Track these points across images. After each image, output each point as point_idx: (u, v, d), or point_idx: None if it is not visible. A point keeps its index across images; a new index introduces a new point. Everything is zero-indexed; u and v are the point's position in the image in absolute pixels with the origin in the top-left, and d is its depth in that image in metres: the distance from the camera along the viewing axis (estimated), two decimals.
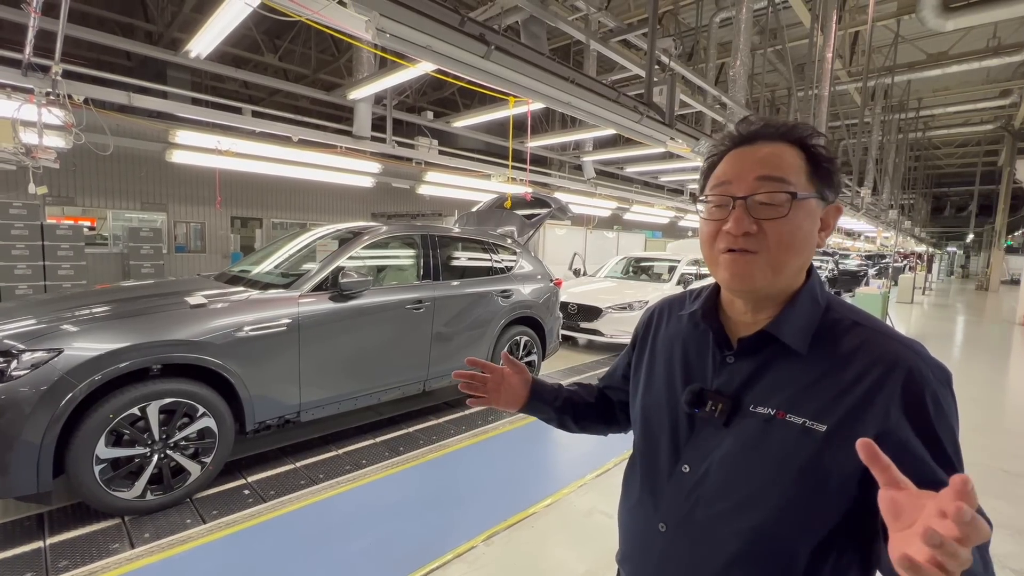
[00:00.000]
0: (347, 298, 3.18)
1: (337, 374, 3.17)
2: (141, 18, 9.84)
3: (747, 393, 0.69)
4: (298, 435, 3.49)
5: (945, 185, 30.55)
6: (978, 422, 4.23)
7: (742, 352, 0.71)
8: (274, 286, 3.08)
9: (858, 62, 11.01)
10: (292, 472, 3.02)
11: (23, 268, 6.52)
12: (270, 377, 2.84)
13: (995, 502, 2.85)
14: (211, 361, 2.59)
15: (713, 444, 0.70)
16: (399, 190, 9.28)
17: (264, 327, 2.80)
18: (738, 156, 0.69)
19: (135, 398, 2.39)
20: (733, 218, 0.66)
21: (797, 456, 0.63)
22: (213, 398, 2.63)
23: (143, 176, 9.56)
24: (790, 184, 0.64)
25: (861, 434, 0.59)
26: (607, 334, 6.12)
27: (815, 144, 0.68)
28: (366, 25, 1.96)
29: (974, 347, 7.88)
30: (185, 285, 3.09)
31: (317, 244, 3.88)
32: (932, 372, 0.62)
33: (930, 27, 7.95)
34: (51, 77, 3.49)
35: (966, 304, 14.67)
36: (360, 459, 3.19)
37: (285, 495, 2.72)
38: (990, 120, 16.43)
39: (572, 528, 2.47)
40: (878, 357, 0.63)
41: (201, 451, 2.64)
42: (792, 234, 0.64)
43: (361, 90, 4.74)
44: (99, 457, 2.31)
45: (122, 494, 2.40)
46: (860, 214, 11.14)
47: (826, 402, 0.63)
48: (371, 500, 2.67)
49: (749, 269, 0.65)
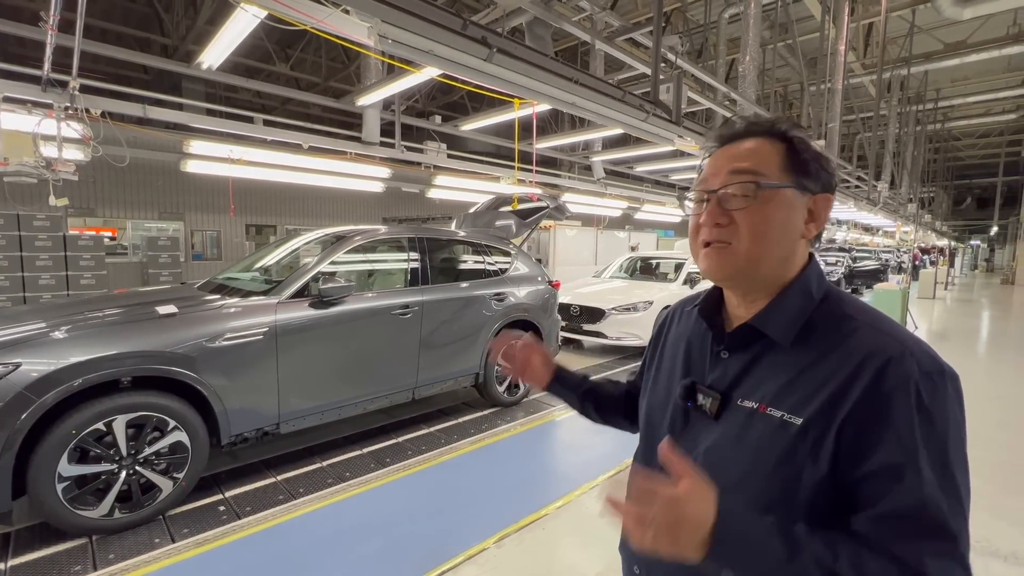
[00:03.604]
0: (328, 304, 3.06)
1: (319, 383, 3.06)
2: (157, 32, 10.10)
3: (737, 387, 0.69)
4: (281, 447, 3.38)
5: (967, 177, 29.77)
6: (1003, 419, 4.11)
7: (732, 346, 0.72)
8: (256, 294, 3.00)
9: (872, 54, 10.80)
10: (272, 486, 2.90)
11: (47, 278, 6.70)
12: (246, 388, 2.73)
13: (1019, 501, 2.77)
14: (181, 372, 2.48)
15: (703, 437, 0.71)
16: (409, 194, 9.37)
17: (239, 336, 2.69)
18: (718, 154, 0.72)
19: (100, 413, 2.28)
20: (706, 211, 0.69)
21: (773, 449, 0.63)
22: (185, 411, 2.52)
23: (160, 186, 9.79)
24: (759, 175, 0.66)
25: (832, 427, 0.59)
26: (611, 336, 5.95)
27: (793, 136, 0.68)
28: (368, 31, 1.98)
29: (1000, 343, 7.65)
30: (163, 294, 3.01)
31: (303, 250, 3.78)
32: (918, 363, 0.58)
33: (947, 16, 7.77)
34: (69, 92, 3.60)
35: (991, 299, 14.25)
36: (344, 471, 3.07)
37: (262, 511, 2.60)
38: (1012, 109, 15.99)
39: (584, 530, 2.45)
40: (860, 347, 0.61)
41: (173, 466, 2.52)
42: (763, 223, 0.65)
43: (369, 96, 4.78)
44: (61, 475, 2.20)
45: (87, 513, 2.28)
46: (877, 208, 10.90)
47: (805, 395, 0.62)
48: (353, 515, 2.55)
49: (721, 260, 0.68)
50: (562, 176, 9.78)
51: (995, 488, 2.89)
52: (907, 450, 0.55)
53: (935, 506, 0.53)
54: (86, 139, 3.81)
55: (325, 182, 7.04)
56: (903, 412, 0.56)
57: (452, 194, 8.80)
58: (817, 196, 0.68)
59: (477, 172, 8.10)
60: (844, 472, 0.58)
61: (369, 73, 5.32)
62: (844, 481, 0.59)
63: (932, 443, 0.56)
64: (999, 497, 2.79)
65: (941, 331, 8.47)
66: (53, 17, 2.82)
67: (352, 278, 3.47)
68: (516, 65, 2.63)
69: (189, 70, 5.03)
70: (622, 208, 11.57)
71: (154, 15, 9.81)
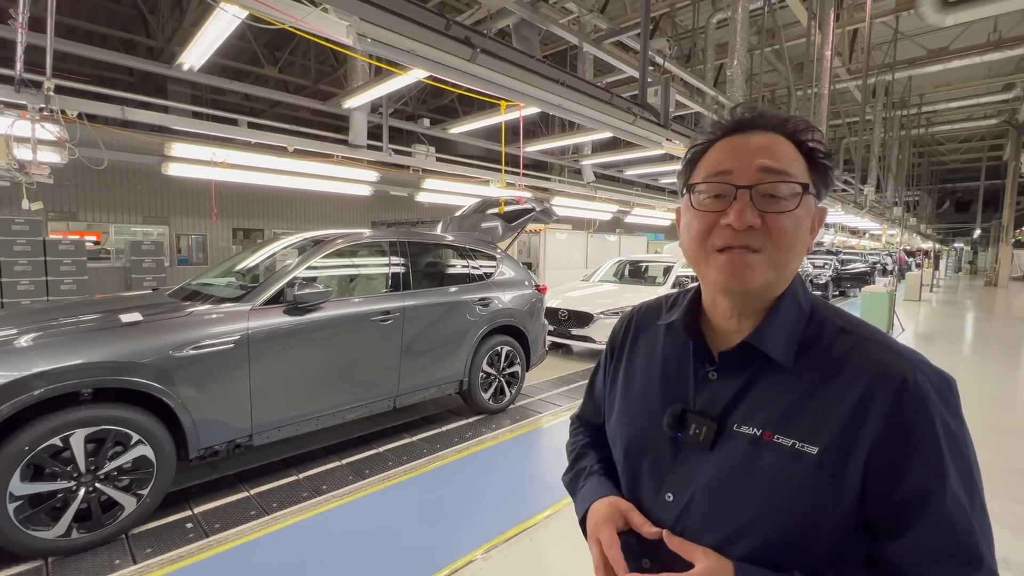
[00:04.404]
0: (304, 311, 2.96)
1: (294, 393, 2.96)
2: (143, 34, 9.96)
3: (732, 412, 0.63)
4: (255, 459, 3.26)
5: (950, 181, 30.31)
6: (993, 422, 4.12)
7: (725, 367, 0.65)
8: (229, 300, 2.88)
9: (858, 59, 10.95)
10: (244, 501, 2.79)
11: (26, 284, 6.55)
12: (216, 399, 2.62)
13: (1013, 505, 2.76)
14: (145, 384, 2.36)
15: (698, 470, 0.64)
16: (398, 198, 9.30)
17: (208, 345, 2.58)
18: (735, 144, 0.62)
19: (55, 427, 2.15)
20: (735, 211, 0.58)
21: (788, 482, 0.57)
22: (150, 424, 2.40)
23: (140, 189, 9.64)
24: (795, 176, 0.59)
25: (854, 455, 0.54)
26: (599, 341, 5.90)
27: (812, 138, 0.62)
28: (347, 30, 1.93)
29: (986, 344, 7.74)
30: (129, 301, 2.88)
31: (281, 254, 3.67)
32: (931, 381, 0.56)
33: (929, 22, 7.89)
34: (44, 92, 3.50)
35: (976, 301, 14.46)
36: (321, 484, 2.97)
37: (232, 527, 2.50)
38: (993, 114, 16.31)
39: (573, 540, 2.40)
40: (866, 367, 0.57)
41: (137, 482, 2.39)
42: (795, 230, 0.59)
43: (356, 99, 4.72)
44: (13, 494, 2.08)
45: (42, 533, 2.16)
46: (864, 212, 11.03)
47: (815, 421, 0.57)
48: (332, 530, 2.46)
49: (750, 270, 0.58)
50: (552, 180, 9.77)
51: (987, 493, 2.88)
52: (938, 475, 0.53)
53: (967, 532, 0.52)
54: (61, 141, 3.71)
55: (312, 185, 6.96)
56: (930, 438, 0.54)
57: (441, 198, 8.76)
58: (818, 208, 0.64)
59: (466, 176, 8.05)
60: (873, 502, 0.55)
61: (356, 75, 5.27)
62: (871, 511, 0.55)
63: (959, 462, 0.54)
64: (992, 501, 2.74)
65: (928, 333, 8.56)
66: (22, 15, 2.73)
67: (331, 283, 3.37)
68: (501, 66, 2.60)
69: (170, 71, 4.94)
70: (612, 212, 11.59)
71: (139, 17, 9.67)
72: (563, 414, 4.23)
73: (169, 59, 9.54)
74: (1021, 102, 13.80)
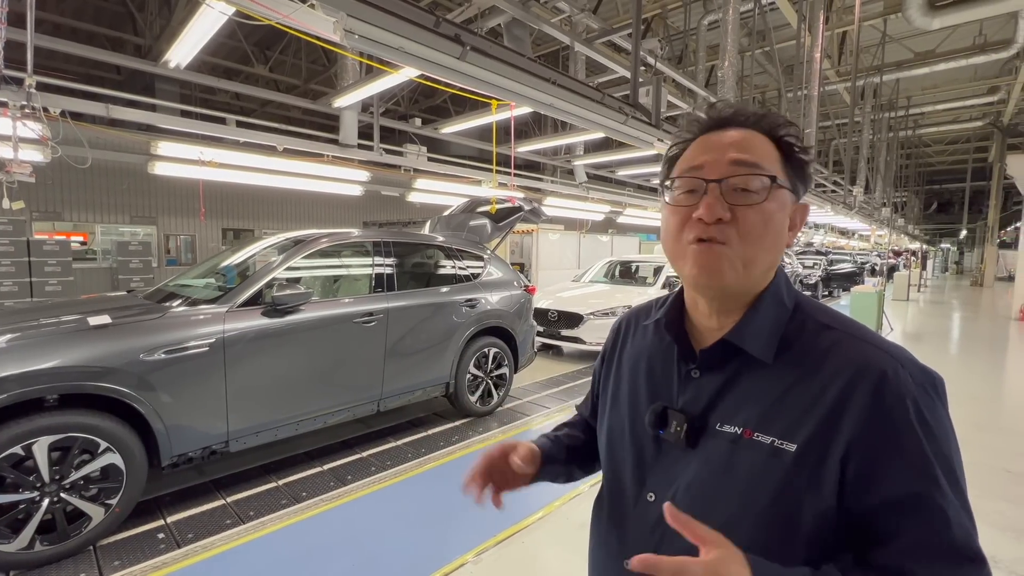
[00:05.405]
0: (283, 312, 2.88)
1: (273, 398, 2.88)
2: (130, 32, 9.82)
3: (714, 410, 0.62)
4: (233, 465, 3.16)
5: (937, 182, 30.75)
6: (979, 420, 4.17)
7: (706, 364, 0.65)
8: (205, 301, 2.80)
9: (846, 62, 11.06)
10: (220, 509, 2.70)
11: (9, 285, 6.43)
12: (190, 404, 2.53)
13: (998, 504, 2.78)
14: (113, 388, 2.27)
15: (679, 469, 0.63)
16: (389, 198, 9.25)
17: (181, 348, 2.50)
18: (709, 140, 0.63)
19: (15, 436, 2.07)
20: (705, 203, 0.59)
21: (767, 480, 0.56)
22: (118, 430, 2.30)
23: (126, 189, 9.50)
24: (766, 169, 0.59)
25: (832, 451, 0.53)
26: (589, 341, 5.84)
27: (787, 134, 0.62)
28: (334, 27, 1.90)
29: (972, 343, 7.84)
30: (99, 304, 2.79)
31: (260, 255, 3.58)
32: (912, 376, 0.55)
33: (916, 26, 7.99)
34: (25, 89, 3.43)
35: (962, 300, 14.67)
36: (301, 491, 2.89)
37: (206, 537, 2.40)
38: (979, 117, 16.55)
39: (565, 542, 2.38)
40: (847, 362, 0.56)
41: (105, 492, 2.29)
42: (765, 225, 0.58)
43: (346, 98, 4.68)
44: None
45: (2, 546, 2.06)
46: (853, 212, 11.15)
47: (795, 418, 0.56)
48: (314, 537, 2.39)
49: (718, 262, 0.58)
50: (544, 180, 9.76)
51: (973, 491, 2.89)
52: (924, 475, 0.52)
53: (961, 529, 0.51)
54: (44, 139, 3.64)
55: (303, 185, 6.89)
56: (910, 435, 0.53)
57: (433, 198, 8.72)
58: (797, 205, 0.64)
59: (457, 176, 8.02)
60: (853, 502, 0.53)
61: (346, 74, 5.22)
62: (853, 511, 0.54)
63: (942, 461, 0.53)
64: (977, 500, 2.76)
65: (915, 332, 8.66)
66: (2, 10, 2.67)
67: (313, 284, 3.30)
68: (491, 64, 2.57)
69: (157, 69, 4.87)
70: (605, 212, 11.61)
71: (127, 14, 9.54)
72: (553, 416, 4.21)
73: (157, 57, 9.38)
74: (1006, 104, 14.02)
